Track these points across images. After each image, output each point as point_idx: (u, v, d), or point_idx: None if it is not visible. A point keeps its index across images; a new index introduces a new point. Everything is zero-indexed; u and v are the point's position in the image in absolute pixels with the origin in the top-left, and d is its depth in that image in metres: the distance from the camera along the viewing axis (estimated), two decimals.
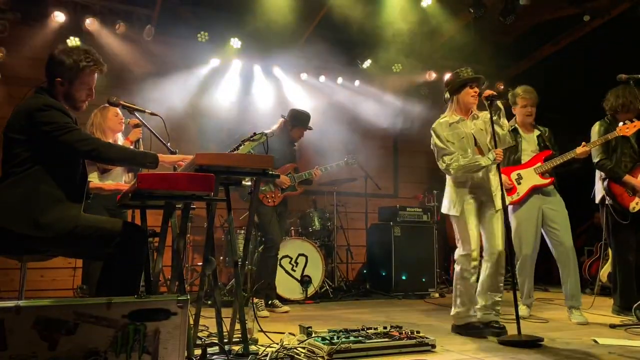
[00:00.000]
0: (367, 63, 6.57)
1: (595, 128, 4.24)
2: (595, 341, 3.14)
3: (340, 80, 6.77)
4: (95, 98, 2.63)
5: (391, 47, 6.38)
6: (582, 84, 5.32)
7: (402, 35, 6.13)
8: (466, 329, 3.39)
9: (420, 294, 5.56)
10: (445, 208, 3.57)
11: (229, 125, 6.02)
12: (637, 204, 4.08)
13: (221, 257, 5.40)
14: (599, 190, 4.29)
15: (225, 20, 5.93)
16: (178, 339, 2.02)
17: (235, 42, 6.01)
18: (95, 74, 2.57)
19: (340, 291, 5.69)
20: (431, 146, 3.59)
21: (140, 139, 3.72)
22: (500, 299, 3.48)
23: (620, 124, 3.94)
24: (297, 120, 4.62)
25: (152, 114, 3.03)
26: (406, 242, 5.68)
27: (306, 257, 5.22)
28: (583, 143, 4.01)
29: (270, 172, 2.58)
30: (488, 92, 3.40)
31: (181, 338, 2.01)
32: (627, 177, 4.09)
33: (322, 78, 6.69)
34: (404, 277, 5.59)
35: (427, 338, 2.86)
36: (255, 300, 4.33)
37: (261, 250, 4.60)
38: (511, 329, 3.23)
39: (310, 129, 4.72)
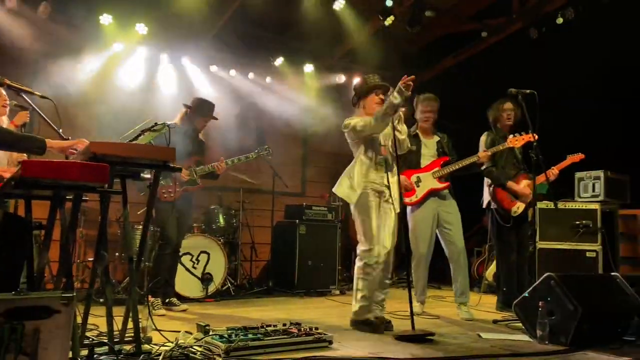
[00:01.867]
0: (279, 60, 6.56)
1: (483, 138, 4.59)
2: (480, 336, 3.38)
3: (251, 75, 6.70)
4: None
5: (303, 47, 6.44)
6: (479, 95, 5.68)
7: (315, 37, 6.20)
8: (363, 325, 3.50)
9: (321, 291, 5.66)
10: (345, 194, 3.60)
11: (129, 114, 5.73)
12: (518, 208, 4.47)
13: (116, 254, 5.13)
14: (486, 196, 4.63)
15: (131, 3, 5.63)
16: (61, 339, 1.88)
17: (141, 28, 5.74)
18: None
19: (243, 289, 5.63)
20: (345, 131, 3.63)
21: (27, 123, 3.43)
22: (385, 295, 3.65)
23: (511, 136, 4.28)
24: (201, 109, 4.47)
25: (42, 96, 2.81)
26: (311, 240, 5.75)
27: (208, 254, 5.10)
28: (480, 152, 4.32)
29: (171, 165, 2.49)
30: None
31: (65, 338, 1.88)
32: (510, 184, 4.47)
33: (233, 72, 6.58)
34: (306, 275, 5.65)
35: (325, 334, 2.92)
36: (152, 299, 4.17)
37: (158, 248, 4.41)
38: (406, 325, 3.38)
39: (215, 118, 4.59)
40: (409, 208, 4.28)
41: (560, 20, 5.86)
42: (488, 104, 4.82)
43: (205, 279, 5.02)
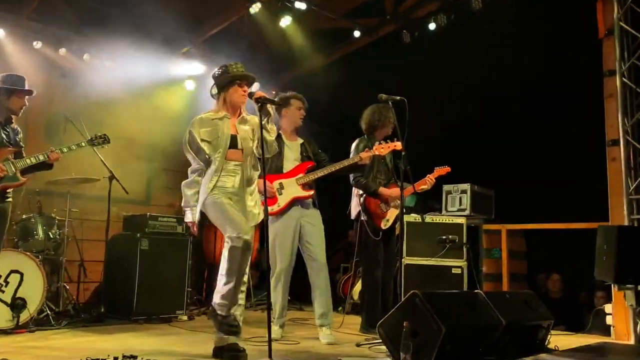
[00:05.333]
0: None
1: (355, 144, 4.78)
2: None
3: (86, 56, 6.29)
4: None
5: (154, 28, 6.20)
6: (349, 98, 5.90)
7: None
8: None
9: (166, 317, 5.43)
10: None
11: None
12: (388, 221, 4.71)
13: None
14: (354, 207, 4.82)
15: None
16: None
17: None
18: None
19: (67, 316, 5.19)
20: (183, 144, 3.60)
21: None
22: (240, 316, 3.57)
23: (377, 143, 4.49)
24: (11, 83, 3.99)
25: None
26: (155, 257, 5.51)
27: (21, 274, 4.62)
28: (365, 152, 4.41)
29: None
30: (259, 93, 3.51)
31: None
32: (382, 189, 4.69)
33: (63, 50, 6.14)
34: (148, 298, 5.40)
35: None
36: None
37: None
38: (263, 352, 3.35)
39: (31, 92, 4.16)
40: (269, 218, 4.26)
41: (432, 26, 6.34)
42: (358, 107, 5.01)
43: (17, 305, 4.54)
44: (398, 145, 4.30)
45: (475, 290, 4.09)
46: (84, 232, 5.98)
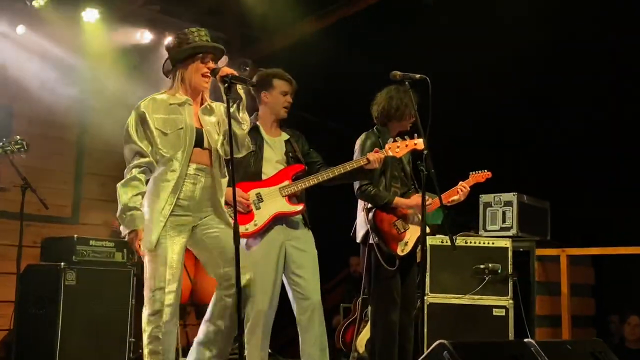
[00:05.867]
0: (39, 1, 6.21)
1: (361, 140, 4.73)
2: None
3: None
4: None
5: None
6: (349, 77, 5.87)
7: None
8: None
9: None
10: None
11: None
12: (406, 244, 4.65)
13: None
14: (361, 225, 4.76)
15: None
16: None
17: None
18: None
19: None
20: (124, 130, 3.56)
21: None
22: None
23: (390, 140, 4.44)
24: None
25: None
26: (86, 294, 5.57)
27: None
28: (374, 153, 4.35)
29: None
30: (226, 70, 3.50)
31: None
32: (398, 200, 4.63)
33: None
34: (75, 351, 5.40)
35: None
36: None
37: None
38: None
39: None
40: (243, 241, 4.23)
41: None
42: (362, 88, 4.96)
43: None
44: (419, 143, 4.25)
45: (525, 339, 4.05)
46: None
